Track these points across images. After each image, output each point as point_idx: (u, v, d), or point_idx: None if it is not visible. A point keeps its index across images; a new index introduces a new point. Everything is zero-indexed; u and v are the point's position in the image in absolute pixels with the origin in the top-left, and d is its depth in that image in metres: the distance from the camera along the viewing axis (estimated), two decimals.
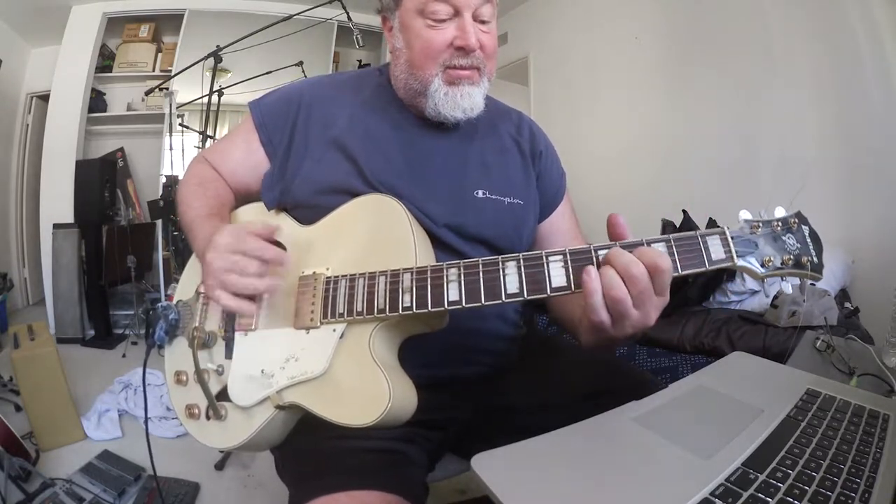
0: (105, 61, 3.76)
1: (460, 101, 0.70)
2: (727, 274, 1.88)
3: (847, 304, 1.76)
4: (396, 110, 0.76)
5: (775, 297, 1.62)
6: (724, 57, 2.43)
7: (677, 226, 1.93)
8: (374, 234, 0.62)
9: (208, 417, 0.65)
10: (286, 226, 0.71)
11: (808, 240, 0.52)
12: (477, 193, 0.74)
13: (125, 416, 1.98)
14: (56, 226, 3.17)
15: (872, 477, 0.43)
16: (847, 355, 0.83)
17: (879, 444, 0.48)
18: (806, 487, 0.40)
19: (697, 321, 1.73)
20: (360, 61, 4.49)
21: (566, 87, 3.43)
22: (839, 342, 0.90)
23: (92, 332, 3.19)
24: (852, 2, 1.94)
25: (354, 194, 0.66)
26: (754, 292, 1.88)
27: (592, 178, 3.02)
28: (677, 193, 2.50)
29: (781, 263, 0.50)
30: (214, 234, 0.61)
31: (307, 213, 0.70)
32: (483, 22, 0.69)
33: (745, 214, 0.52)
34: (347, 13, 2.32)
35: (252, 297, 0.61)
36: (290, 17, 2.45)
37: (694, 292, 1.89)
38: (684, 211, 2.02)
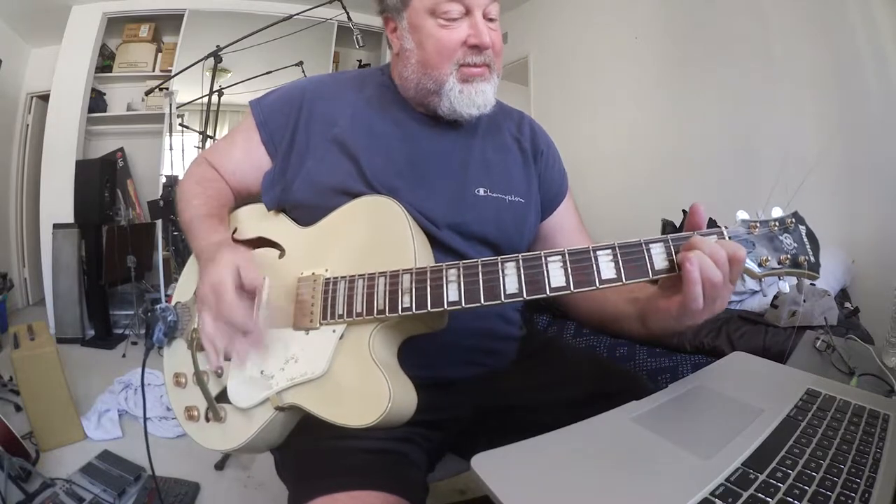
0: (105, 61, 3.76)
1: (475, 98, 0.71)
2: None
3: (847, 304, 1.75)
4: (399, 109, 0.77)
5: (775, 298, 1.62)
6: (724, 57, 2.43)
7: (677, 226, 1.93)
8: (373, 235, 0.62)
9: (208, 419, 0.64)
10: (285, 227, 0.71)
11: (805, 239, 0.52)
12: (478, 192, 0.74)
13: (125, 416, 1.98)
14: (56, 226, 3.17)
15: (872, 477, 0.43)
16: (847, 355, 0.83)
17: (879, 444, 0.48)
18: (806, 487, 0.40)
19: None
20: (360, 61, 4.49)
21: (566, 87, 3.43)
22: (839, 342, 0.89)
23: (92, 332, 3.18)
24: (852, 2, 1.94)
25: (354, 195, 0.66)
26: (754, 292, 1.88)
27: (592, 177, 3.02)
28: (677, 193, 2.50)
29: (779, 263, 0.51)
30: (203, 275, 0.62)
31: (307, 214, 0.70)
32: (491, 20, 0.71)
33: (742, 215, 0.53)
34: (347, 13, 2.32)
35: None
36: (290, 17, 2.45)
37: None
38: (684, 211, 2.01)
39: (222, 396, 0.63)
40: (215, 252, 0.62)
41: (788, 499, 0.39)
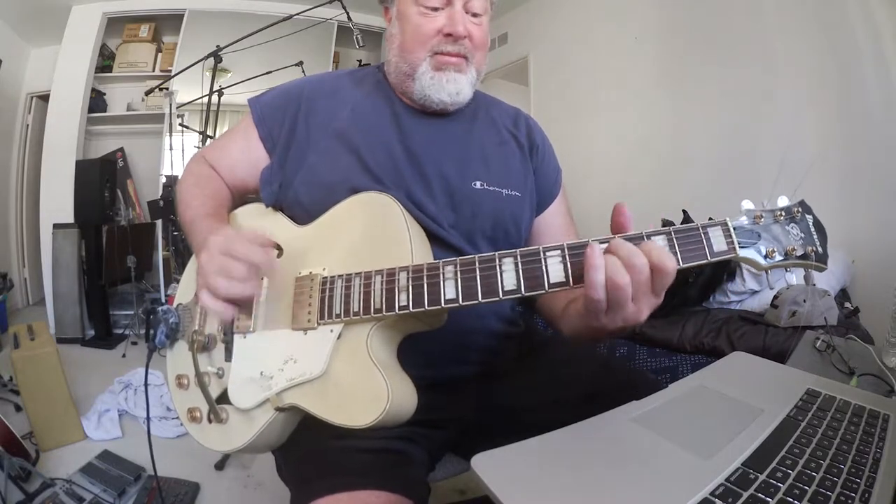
0: (105, 61, 3.76)
1: (446, 86, 0.72)
2: (727, 273, 1.88)
3: (847, 304, 1.76)
4: (396, 104, 0.77)
5: (775, 297, 1.62)
6: (724, 56, 2.43)
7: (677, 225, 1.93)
8: (369, 233, 0.61)
9: (210, 420, 0.64)
10: (282, 226, 0.71)
11: (813, 229, 0.50)
12: (475, 185, 0.74)
13: (125, 416, 1.98)
14: (56, 226, 3.17)
15: (872, 477, 0.43)
16: (847, 355, 0.83)
17: (879, 444, 0.48)
18: (806, 487, 0.40)
19: (697, 321, 1.73)
20: (360, 61, 4.50)
21: (566, 87, 3.43)
22: (839, 342, 0.89)
23: (92, 332, 3.19)
24: (852, 2, 1.94)
25: (356, 189, 0.66)
26: (754, 292, 1.88)
27: (592, 177, 3.02)
28: (677, 193, 2.50)
29: (785, 254, 0.49)
30: (209, 235, 0.61)
31: (307, 211, 0.69)
32: (475, 15, 0.72)
33: (747, 204, 0.51)
34: (347, 13, 2.32)
35: (238, 301, 0.59)
36: (290, 17, 2.45)
37: (694, 292, 1.88)
38: (684, 211, 2.02)
39: (223, 398, 0.63)
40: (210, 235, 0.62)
41: (788, 499, 0.39)
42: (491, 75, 3.89)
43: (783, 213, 0.50)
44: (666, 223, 1.94)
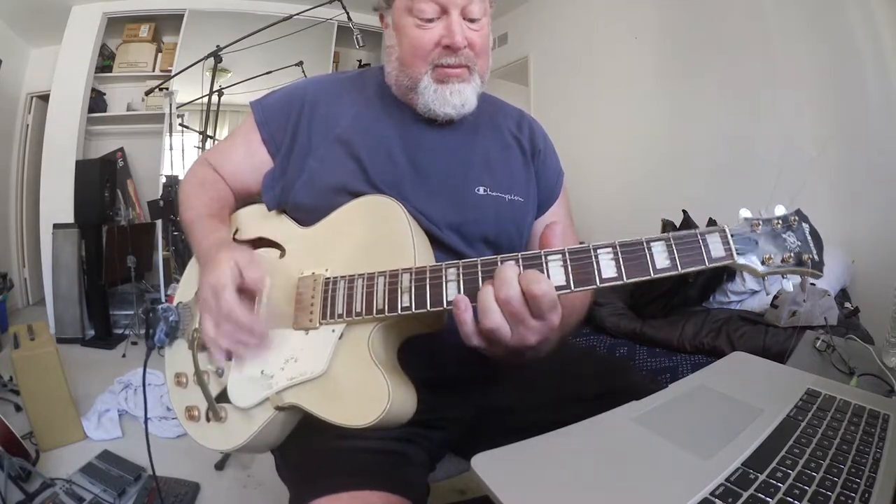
0: (105, 61, 3.76)
1: (450, 99, 0.70)
2: (727, 274, 1.87)
3: (847, 304, 1.75)
4: (399, 108, 0.77)
5: (775, 297, 1.62)
6: (724, 56, 2.43)
7: (677, 226, 1.93)
8: (373, 235, 0.62)
9: (208, 419, 0.65)
10: (285, 227, 0.71)
11: (809, 237, 0.51)
12: (478, 190, 0.74)
13: (125, 416, 1.98)
14: (56, 226, 3.17)
15: (872, 477, 0.43)
16: (847, 355, 0.83)
17: (879, 444, 0.48)
18: (806, 487, 0.40)
19: (697, 321, 1.73)
20: (360, 61, 4.50)
21: (566, 87, 3.43)
22: (839, 342, 0.89)
23: (92, 332, 3.19)
24: (852, 2, 1.94)
25: (354, 194, 0.66)
26: (754, 292, 1.88)
27: (592, 178, 3.02)
28: (677, 193, 2.50)
29: (782, 261, 0.50)
30: (203, 277, 0.62)
31: (308, 215, 0.69)
32: (472, 20, 0.69)
33: (744, 213, 0.52)
34: (347, 13, 2.32)
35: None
36: (290, 17, 2.45)
37: (694, 292, 1.88)
38: (684, 211, 2.02)
39: (223, 396, 0.63)
40: (215, 253, 0.62)
41: (788, 499, 0.39)
42: (491, 75, 3.88)
43: (780, 222, 0.51)
44: (666, 223, 1.94)
